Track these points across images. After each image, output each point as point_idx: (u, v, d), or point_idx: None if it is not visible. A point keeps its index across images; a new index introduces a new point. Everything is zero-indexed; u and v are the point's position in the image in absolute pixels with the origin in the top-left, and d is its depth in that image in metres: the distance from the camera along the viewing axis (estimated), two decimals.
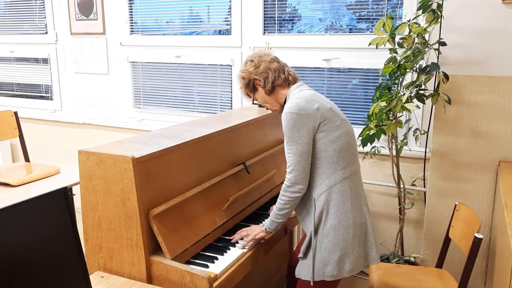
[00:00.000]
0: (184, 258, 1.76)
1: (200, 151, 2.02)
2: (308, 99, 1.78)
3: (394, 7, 2.81)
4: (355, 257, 1.80)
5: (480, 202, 2.48)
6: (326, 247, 1.78)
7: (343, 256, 1.78)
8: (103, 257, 1.80)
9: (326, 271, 1.78)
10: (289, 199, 1.80)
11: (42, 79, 4.26)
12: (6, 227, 1.23)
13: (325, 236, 1.78)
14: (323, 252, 1.78)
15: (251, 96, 2.00)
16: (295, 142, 1.74)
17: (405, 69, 2.37)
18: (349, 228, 1.78)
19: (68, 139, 4.20)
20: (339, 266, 1.78)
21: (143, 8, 3.67)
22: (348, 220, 1.78)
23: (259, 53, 1.97)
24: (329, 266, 1.78)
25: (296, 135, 1.74)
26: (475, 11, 2.33)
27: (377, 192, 2.99)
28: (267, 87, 1.91)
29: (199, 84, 3.57)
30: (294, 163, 1.75)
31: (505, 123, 2.36)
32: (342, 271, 1.79)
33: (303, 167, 1.75)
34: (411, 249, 2.89)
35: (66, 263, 1.40)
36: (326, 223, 1.78)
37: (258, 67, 1.91)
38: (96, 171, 1.72)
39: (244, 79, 1.95)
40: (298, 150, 1.74)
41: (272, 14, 3.18)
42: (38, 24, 4.16)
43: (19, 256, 1.26)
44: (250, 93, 1.99)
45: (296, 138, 1.74)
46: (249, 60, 1.96)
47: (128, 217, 1.69)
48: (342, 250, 1.78)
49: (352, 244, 1.79)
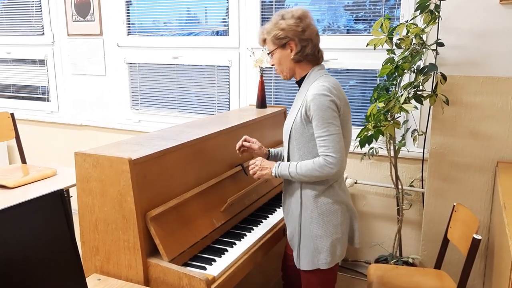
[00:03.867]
0: (181, 260, 1.75)
1: (197, 152, 2.01)
2: (336, 87, 1.75)
3: (391, 8, 2.80)
4: (344, 241, 1.85)
5: (478, 203, 2.48)
6: (316, 234, 1.79)
7: (334, 242, 1.80)
8: (100, 260, 1.79)
9: (320, 259, 1.80)
10: (319, 176, 1.72)
11: (39, 80, 4.24)
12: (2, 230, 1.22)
13: (314, 224, 1.80)
14: (314, 240, 1.80)
15: (272, 49, 1.83)
16: (330, 123, 1.68)
17: (403, 70, 2.37)
18: (336, 212, 1.81)
19: (65, 141, 4.19)
20: (332, 252, 1.80)
21: (140, 9, 3.65)
22: (334, 205, 1.80)
23: (307, 18, 1.79)
24: (322, 254, 1.80)
25: (331, 115, 1.69)
26: (473, 11, 2.33)
27: (375, 193, 2.98)
28: (298, 55, 1.79)
29: (197, 85, 3.56)
30: (334, 144, 1.68)
31: (503, 123, 2.36)
32: (334, 257, 1.81)
33: (342, 148, 1.71)
34: (410, 250, 2.89)
35: (63, 266, 1.39)
36: (314, 211, 1.79)
37: (304, 31, 1.77)
38: (92, 173, 1.71)
39: (282, 31, 1.77)
40: (336, 130, 1.69)
41: (269, 14, 3.18)
42: (35, 25, 4.15)
43: (14, 258, 1.25)
44: (274, 45, 1.81)
45: (331, 119, 1.69)
46: (296, 17, 1.77)
47: (125, 219, 1.68)
48: (333, 236, 1.80)
49: (341, 228, 1.82)
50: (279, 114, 2.80)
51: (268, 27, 1.82)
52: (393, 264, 2.62)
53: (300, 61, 1.82)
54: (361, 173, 2.98)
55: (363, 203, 3.04)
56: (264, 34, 1.85)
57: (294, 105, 1.85)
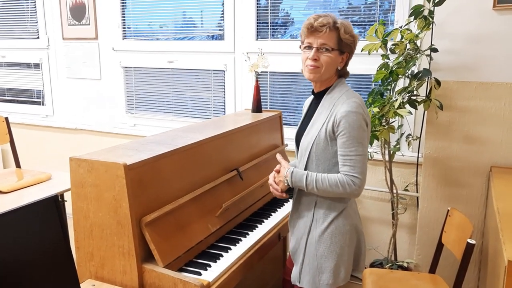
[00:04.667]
0: (176, 265, 1.75)
1: (193, 157, 2.01)
2: (363, 104, 1.70)
3: (386, 12, 2.82)
4: (349, 264, 1.78)
5: (472, 207, 2.49)
6: (322, 254, 1.72)
7: (339, 264, 1.73)
8: (94, 265, 1.78)
9: (322, 279, 1.73)
10: (339, 194, 1.65)
11: (34, 84, 4.23)
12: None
13: (321, 243, 1.72)
14: (319, 259, 1.73)
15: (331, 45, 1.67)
16: (360, 143, 1.63)
17: (397, 75, 2.38)
18: (346, 234, 1.74)
19: (60, 145, 4.17)
20: (335, 274, 1.72)
21: (135, 13, 3.66)
22: (345, 226, 1.73)
23: None
24: (325, 274, 1.72)
25: (361, 136, 1.64)
26: (466, 17, 2.35)
27: (370, 197, 2.99)
28: (343, 69, 1.76)
29: (192, 89, 3.56)
30: (361, 165, 1.63)
31: (496, 128, 2.37)
32: (337, 279, 1.73)
33: (366, 170, 1.67)
34: (405, 254, 2.90)
35: (57, 271, 1.39)
36: (324, 230, 1.72)
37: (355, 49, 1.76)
38: (87, 178, 1.71)
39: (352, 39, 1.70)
40: (364, 152, 1.65)
41: (265, 19, 3.19)
42: (30, 29, 4.14)
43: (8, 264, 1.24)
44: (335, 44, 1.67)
45: (361, 139, 1.64)
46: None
47: (120, 225, 1.67)
48: (338, 258, 1.72)
49: (347, 250, 1.75)
50: (275, 118, 2.80)
51: (346, 24, 1.69)
52: (388, 268, 2.63)
53: (340, 75, 1.77)
54: None
55: (358, 207, 3.04)
56: (340, 25, 1.67)
57: (316, 119, 1.74)
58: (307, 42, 1.69)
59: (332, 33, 1.66)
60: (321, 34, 1.66)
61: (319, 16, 1.67)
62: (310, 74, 1.70)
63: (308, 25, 1.67)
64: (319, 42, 1.66)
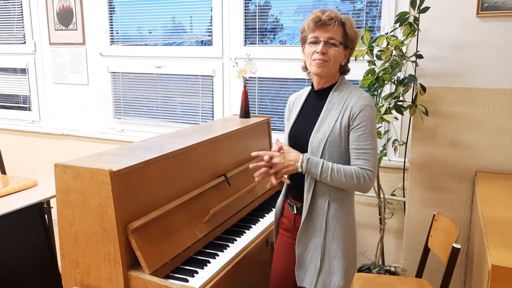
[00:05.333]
0: (163, 272, 1.74)
1: (180, 163, 2.01)
2: None
3: (373, 19, 2.85)
4: (356, 266, 1.78)
5: (458, 212, 2.52)
6: (334, 255, 1.68)
7: (349, 264, 1.70)
8: (80, 273, 1.76)
9: (333, 280, 1.68)
10: (353, 187, 1.63)
11: (20, 89, 4.19)
12: None
13: (334, 244, 1.68)
14: (331, 260, 1.68)
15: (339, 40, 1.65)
16: (374, 137, 1.64)
17: (383, 81, 2.41)
18: (354, 234, 1.73)
19: (47, 151, 4.13)
20: (346, 275, 1.68)
21: (123, 18, 3.65)
22: (354, 227, 1.74)
23: None
24: (336, 275, 1.68)
25: (375, 130, 1.66)
26: (451, 24, 2.38)
27: (357, 202, 3.01)
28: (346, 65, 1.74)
29: (181, 94, 3.56)
30: (374, 159, 1.63)
31: (480, 134, 2.41)
32: (347, 280, 1.70)
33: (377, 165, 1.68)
34: (392, 258, 2.91)
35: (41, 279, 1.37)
36: (338, 230, 1.68)
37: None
38: (73, 184, 1.69)
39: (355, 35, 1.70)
40: (376, 146, 1.66)
41: (253, 24, 3.20)
42: (16, 34, 4.10)
43: None
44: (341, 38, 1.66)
45: (375, 134, 1.65)
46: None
47: (105, 232, 1.66)
48: (348, 258, 1.70)
49: (355, 251, 1.75)
50: (263, 124, 2.81)
51: (351, 20, 1.68)
52: (376, 273, 2.64)
53: (343, 71, 1.75)
54: None
55: None
56: (345, 20, 1.66)
57: (326, 115, 1.68)
58: (313, 36, 1.65)
59: (339, 28, 1.65)
60: (329, 28, 1.63)
61: (325, 11, 1.64)
62: (319, 68, 1.65)
63: (315, 18, 1.63)
64: (326, 36, 1.63)
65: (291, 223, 1.83)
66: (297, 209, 1.78)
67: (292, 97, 1.89)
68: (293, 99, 1.88)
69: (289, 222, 1.84)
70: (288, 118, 1.87)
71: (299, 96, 1.85)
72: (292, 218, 1.81)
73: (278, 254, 1.92)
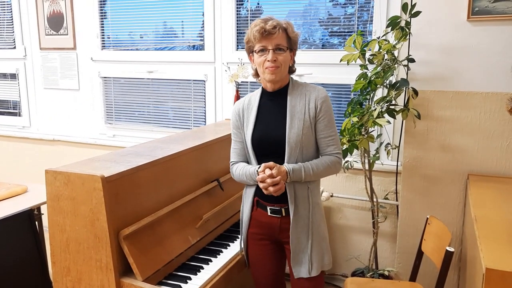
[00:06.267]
0: (156, 279, 1.72)
1: (172, 168, 1.99)
2: None
3: (365, 23, 2.86)
4: None
5: (450, 215, 2.52)
6: (323, 236, 1.82)
7: (328, 242, 1.86)
8: (71, 280, 1.74)
9: (325, 259, 1.82)
10: (330, 174, 1.82)
11: (10, 94, 4.15)
12: None
13: (322, 226, 1.82)
14: (321, 242, 1.81)
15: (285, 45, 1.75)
16: (334, 124, 1.82)
17: (375, 85, 2.41)
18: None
19: (37, 156, 4.09)
20: (330, 253, 1.85)
21: (115, 22, 3.63)
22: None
23: None
24: (327, 255, 1.83)
25: (333, 117, 1.83)
26: (442, 28, 2.40)
27: (350, 206, 3.01)
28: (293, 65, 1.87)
29: (173, 99, 3.54)
30: (339, 143, 1.83)
31: (472, 137, 2.42)
32: (331, 258, 1.86)
33: None
34: (386, 262, 2.91)
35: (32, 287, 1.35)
36: (319, 213, 1.82)
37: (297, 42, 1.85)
38: (63, 191, 1.67)
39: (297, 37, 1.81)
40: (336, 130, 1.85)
41: (245, 29, 3.20)
42: (6, 39, 4.07)
43: None
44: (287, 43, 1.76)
45: (334, 121, 1.83)
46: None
47: (97, 238, 1.64)
48: (327, 236, 1.86)
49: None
50: None
51: (290, 23, 1.78)
52: (369, 277, 2.64)
53: (290, 71, 1.86)
54: (336, 186, 3.01)
55: (339, 216, 3.05)
56: (286, 25, 1.76)
57: (293, 112, 1.77)
58: (261, 45, 1.74)
59: (283, 34, 1.75)
60: (274, 36, 1.72)
61: (266, 20, 1.74)
62: (272, 75, 1.75)
63: (260, 29, 1.71)
64: (274, 43, 1.73)
65: (274, 228, 1.85)
66: (285, 211, 1.82)
67: (239, 104, 1.92)
68: (241, 106, 1.91)
69: (271, 228, 1.85)
70: (239, 126, 1.89)
71: (248, 102, 1.90)
72: (277, 222, 1.83)
73: (264, 262, 1.92)
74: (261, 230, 1.87)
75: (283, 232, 1.83)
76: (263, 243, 1.89)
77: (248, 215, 1.89)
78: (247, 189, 1.91)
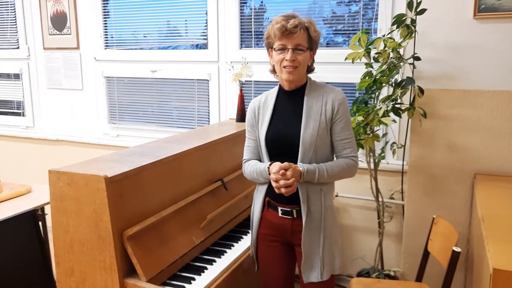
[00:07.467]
0: (160, 279, 1.71)
1: (176, 168, 1.98)
2: None
3: (369, 21, 2.84)
4: None
5: (457, 215, 2.50)
6: (336, 239, 1.78)
7: (340, 245, 1.82)
8: (75, 281, 1.73)
9: (336, 263, 1.78)
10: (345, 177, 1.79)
11: (14, 95, 4.15)
12: None
13: (334, 229, 1.78)
14: (332, 246, 1.77)
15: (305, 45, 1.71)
16: (351, 126, 1.79)
17: (381, 83, 2.39)
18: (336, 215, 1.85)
19: (41, 157, 4.09)
20: (342, 255, 1.81)
21: (118, 22, 3.62)
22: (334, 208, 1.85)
23: None
24: (337, 259, 1.78)
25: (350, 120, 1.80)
26: (448, 26, 2.37)
27: (356, 206, 2.99)
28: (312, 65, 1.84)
29: (176, 99, 3.53)
30: (356, 146, 1.81)
31: (479, 136, 2.39)
32: (342, 262, 1.82)
33: None
34: (391, 262, 2.89)
35: None
36: (332, 215, 1.78)
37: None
38: (67, 191, 1.66)
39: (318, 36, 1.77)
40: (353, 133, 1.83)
41: (249, 28, 3.18)
42: (10, 39, 4.07)
43: None
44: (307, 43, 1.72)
45: (351, 123, 1.80)
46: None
47: (101, 239, 1.63)
48: (339, 239, 1.81)
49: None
50: None
51: (312, 22, 1.74)
52: (375, 277, 2.62)
53: (309, 71, 1.83)
54: (342, 186, 2.98)
55: (344, 216, 3.03)
56: (308, 24, 1.72)
57: (309, 112, 1.74)
58: (280, 44, 1.70)
59: (304, 33, 1.71)
60: (295, 36, 1.68)
61: (288, 18, 1.70)
62: (290, 74, 1.72)
63: (281, 27, 1.67)
64: (294, 43, 1.69)
65: (285, 230, 1.81)
66: (296, 212, 1.78)
67: (255, 102, 1.89)
68: (257, 104, 1.88)
69: (281, 230, 1.82)
70: (254, 124, 1.86)
71: (264, 100, 1.87)
72: (288, 224, 1.80)
73: (274, 263, 1.89)
74: (272, 231, 1.84)
75: (295, 234, 1.79)
76: (274, 245, 1.86)
77: (259, 216, 1.86)
78: (259, 187, 1.88)
